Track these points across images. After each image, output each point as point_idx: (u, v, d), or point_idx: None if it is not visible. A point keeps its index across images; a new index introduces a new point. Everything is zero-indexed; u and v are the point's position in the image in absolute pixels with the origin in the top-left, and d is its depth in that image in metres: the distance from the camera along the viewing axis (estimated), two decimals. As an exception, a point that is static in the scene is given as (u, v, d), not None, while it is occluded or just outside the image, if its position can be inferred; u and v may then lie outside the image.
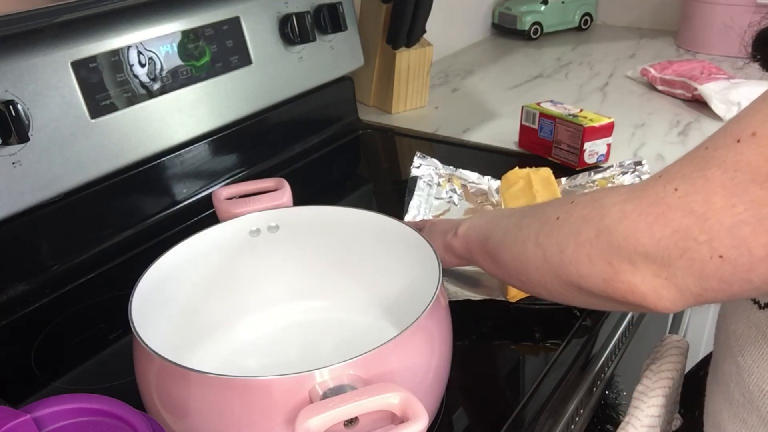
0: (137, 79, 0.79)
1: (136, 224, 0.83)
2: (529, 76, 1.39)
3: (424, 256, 0.56)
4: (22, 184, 0.69)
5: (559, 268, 0.49)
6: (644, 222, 0.43)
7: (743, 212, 0.39)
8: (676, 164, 0.44)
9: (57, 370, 0.64)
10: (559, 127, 0.95)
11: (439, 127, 1.15)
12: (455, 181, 0.88)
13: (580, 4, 1.67)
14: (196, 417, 0.45)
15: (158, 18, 0.81)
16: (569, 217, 0.49)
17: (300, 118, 1.04)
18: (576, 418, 0.60)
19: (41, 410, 0.40)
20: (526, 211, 0.56)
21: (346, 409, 0.39)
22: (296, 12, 0.95)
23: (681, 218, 0.42)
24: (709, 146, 0.43)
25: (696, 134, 1.07)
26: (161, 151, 0.84)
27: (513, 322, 0.67)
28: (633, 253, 0.44)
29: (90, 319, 0.71)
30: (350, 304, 0.65)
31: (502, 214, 0.60)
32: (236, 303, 0.64)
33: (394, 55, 1.16)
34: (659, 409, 0.60)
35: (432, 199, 0.84)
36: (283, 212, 0.64)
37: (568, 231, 0.48)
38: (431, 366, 0.49)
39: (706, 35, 1.48)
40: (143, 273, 0.54)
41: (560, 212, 0.50)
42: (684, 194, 0.42)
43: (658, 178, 0.44)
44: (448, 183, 0.87)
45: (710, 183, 0.41)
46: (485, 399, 0.59)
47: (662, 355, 0.65)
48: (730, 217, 0.40)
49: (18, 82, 0.68)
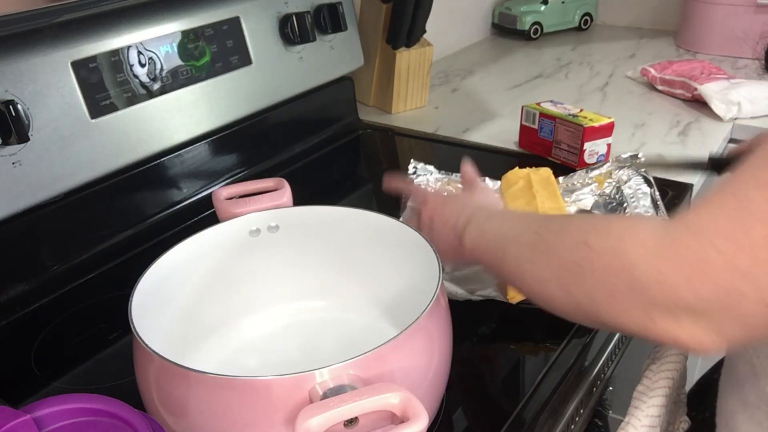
0: (137, 79, 0.79)
1: (136, 224, 0.83)
2: (529, 76, 1.39)
3: (424, 256, 0.56)
4: (22, 184, 0.69)
5: (591, 313, 0.47)
6: (682, 278, 0.42)
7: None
8: (706, 217, 0.43)
9: (57, 370, 0.64)
10: (559, 127, 0.95)
11: (439, 127, 1.15)
12: (452, 184, 0.87)
13: (580, 4, 1.67)
14: (196, 417, 0.45)
15: (158, 18, 0.81)
16: (591, 266, 0.46)
17: (300, 118, 1.04)
18: (576, 418, 0.60)
19: (41, 410, 0.40)
20: (534, 241, 0.52)
21: (346, 409, 0.39)
22: (296, 12, 0.95)
23: (724, 275, 0.41)
24: (739, 195, 0.42)
25: (696, 134, 1.07)
26: (161, 151, 0.84)
27: (513, 322, 0.67)
28: (673, 306, 0.42)
29: (90, 319, 0.71)
30: (350, 304, 0.65)
31: (508, 234, 0.55)
32: (236, 303, 0.64)
33: (394, 55, 1.16)
34: (659, 409, 0.60)
35: None
36: (283, 212, 0.64)
37: (595, 282, 0.46)
38: (431, 366, 0.49)
39: (706, 35, 1.48)
40: (143, 273, 0.54)
41: (578, 257, 0.47)
42: (728, 253, 0.41)
43: (688, 233, 0.42)
44: (446, 187, 0.87)
45: (754, 239, 0.40)
46: (485, 399, 0.59)
47: (662, 355, 0.65)
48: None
49: (18, 82, 0.68)
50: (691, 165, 0.86)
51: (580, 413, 0.61)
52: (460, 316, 0.55)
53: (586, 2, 1.68)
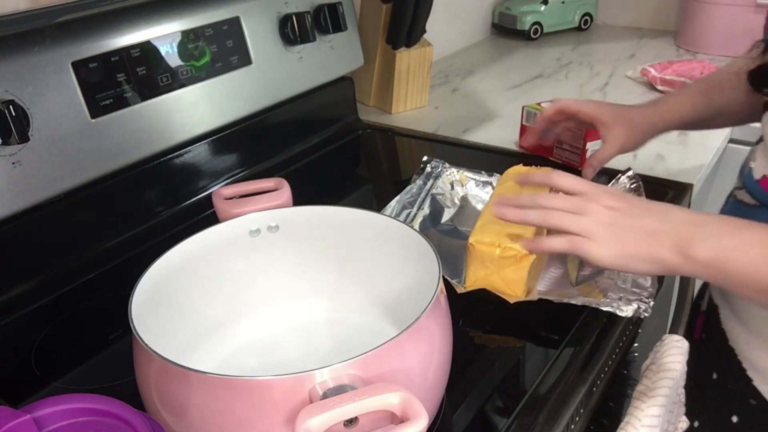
0: (137, 79, 0.79)
1: (136, 224, 0.83)
2: (529, 76, 1.40)
3: (424, 256, 0.56)
4: (22, 184, 0.69)
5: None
6: None
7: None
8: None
9: (57, 370, 0.64)
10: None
11: (439, 127, 1.15)
12: (461, 176, 0.87)
13: (580, 4, 1.67)
14: (196, 417, 0.45)
15: (158, 18, 0.81)
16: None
17: (300, 118, 1.04)
18: (576, 418, 0.60)
19: (41, 410, 0.40)
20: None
21: (346, 409, 0.39)
22: (296, 12, 0.95)
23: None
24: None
25: (696, 134, 1.07)
26: (161, 151, 0.84)
27: (513, 322, 0.67)
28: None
29: (90, 319, 0.71)
30: (350, 304, 0.65)
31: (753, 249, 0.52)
32: (236, 303, 0.64)
33: (394, 55, 1.16)
34: (659, 409, 0.60)
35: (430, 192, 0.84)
36: (283, 212, 0.64)
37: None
38: (431, 366, 0.49)
39: (706, 35, 1.48)
40: (143, 273, 0.54)
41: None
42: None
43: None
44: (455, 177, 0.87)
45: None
46: (485, 399, 0.59)
47: (662, 355, 0.65)
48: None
49: (18, 82, 0.68)
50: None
51: (580, 413, 0.61)
52: (461, 316, 0.55)
53: (586, 2, 1.68)
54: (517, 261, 0.65)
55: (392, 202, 0.81)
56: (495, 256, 0.65)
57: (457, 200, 0.85)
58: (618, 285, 0.66)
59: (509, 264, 0.65)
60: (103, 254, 0.79)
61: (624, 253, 0.55)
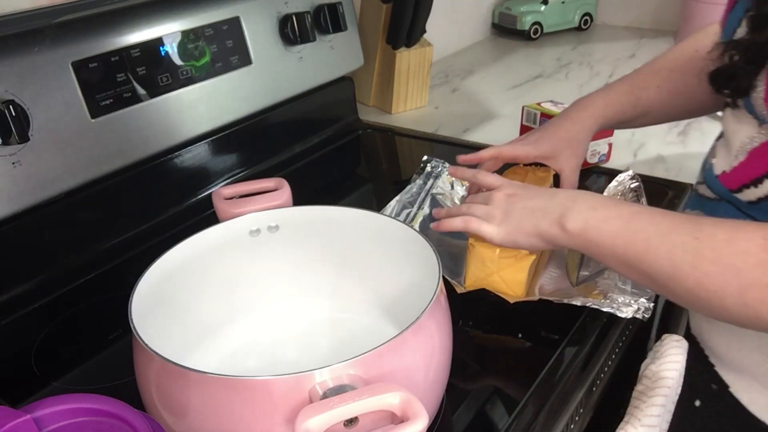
0: (137, 79, 0.79)
1: (136, 224, 0.83)
2: (529, 76, 1.40)
3: (424, 256, 0.56)
4: (22, 184, 0.69)
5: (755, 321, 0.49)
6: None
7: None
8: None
9: (57, 370, 0.64)
10: (559, 127, 0.95)
11: (439, 127, 1.15)
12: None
13: (580, 4, 1.67)
14: (196, 417, 0.45)
15: (158, 18, 0.81)
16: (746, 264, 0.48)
17: (300, 118, 1.04)
18: (576, 417, 0.60)
19: (41, 410, 0.40)
20: (697, 248, 0.51)
21: (346, 408, 0.39)
22: (296, 12, 0.95)
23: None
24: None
25: (696, 134, 1.07)
26: (161, 151, 0.84)
27: (513, 322, 0.67)
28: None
29: (90, 319, 0.71)
30: (350, 304, 0.65)
31: (648, 229, 0.54)
32: (236, 303, 0.64)
33: (394, 55, 1.16)
34: (659, 408, 0.60)
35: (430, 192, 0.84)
36: (283, 212, 0.64)
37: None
38: (431, 366, 0.49)
39: (706, 35, 1.48)
40: (143, 273, 0.54)
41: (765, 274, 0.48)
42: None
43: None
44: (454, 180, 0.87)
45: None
46: (485, 399, 0.59)
47: (662, 355, 0.65)
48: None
49: (18, 82, 0.68)
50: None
51: (580, 413, 0.61)
52: (461, 316, 0.55)
53: (586, 2, 1.68)
54: (517, 261, 0.65)
55: (392, 202, 0.82)
56: (495, 256, 0.65)
57: (457, 200, 0.85)
58: (618, 286, 0.66)
59: (509, 264, 0.66)
60: (103, 254, 0.79)
61: (511, 230, 0.62)
